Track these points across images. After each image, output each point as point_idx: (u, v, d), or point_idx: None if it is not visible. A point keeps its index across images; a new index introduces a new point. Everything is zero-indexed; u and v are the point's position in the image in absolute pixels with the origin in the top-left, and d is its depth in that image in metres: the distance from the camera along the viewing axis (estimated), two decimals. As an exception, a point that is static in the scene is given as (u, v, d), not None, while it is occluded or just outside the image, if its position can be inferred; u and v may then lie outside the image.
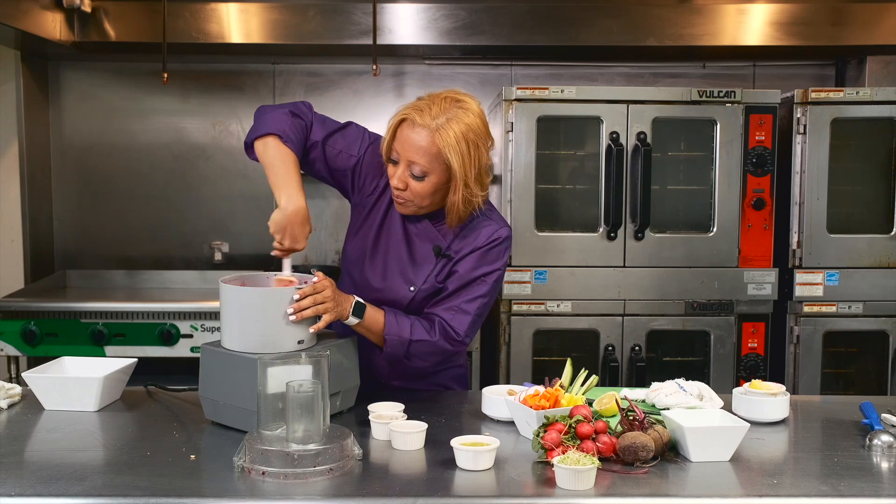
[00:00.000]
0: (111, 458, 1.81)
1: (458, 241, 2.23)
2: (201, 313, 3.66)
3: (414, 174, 2.11)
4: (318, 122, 2.25)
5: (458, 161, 2.07)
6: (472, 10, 4.01)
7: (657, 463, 1.77)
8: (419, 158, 2.08)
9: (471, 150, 2.09)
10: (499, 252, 2.24)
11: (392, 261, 2.27)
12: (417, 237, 2.26)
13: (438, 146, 2.06)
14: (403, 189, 2.14)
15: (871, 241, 3.61)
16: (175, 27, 3.92)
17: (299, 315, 2.01)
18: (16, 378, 3.63)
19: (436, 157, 2.08)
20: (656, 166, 3.55)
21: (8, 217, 4.18)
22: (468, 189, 2.12)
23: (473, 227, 2.23)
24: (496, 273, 2.24)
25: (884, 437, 1.87)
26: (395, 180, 2.13)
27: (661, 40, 4.00)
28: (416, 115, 2.08)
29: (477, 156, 2.11)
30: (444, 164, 2.09)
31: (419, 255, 2.25)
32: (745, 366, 3.60)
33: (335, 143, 2.25)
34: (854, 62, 4.22)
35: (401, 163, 2.12)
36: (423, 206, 2.18)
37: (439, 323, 2.20)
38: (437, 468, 1.75)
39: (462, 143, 2.07)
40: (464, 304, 2.21)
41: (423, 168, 2.09)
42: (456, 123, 2.07)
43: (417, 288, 2.24)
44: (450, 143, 2.06)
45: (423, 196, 2.14)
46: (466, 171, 2.09)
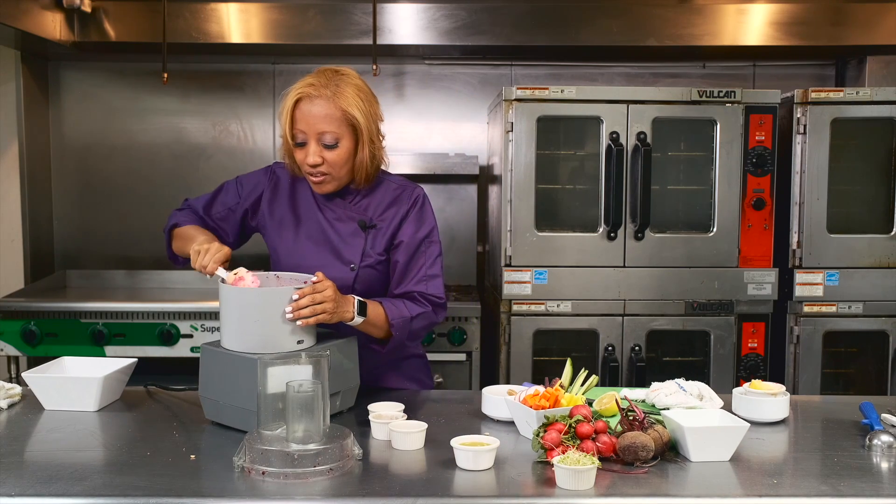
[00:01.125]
0: (111, 458, 1.81)
1: (377, 211, 2.33)
2: (201, 313, 3.66)
3: (326, 144, 2.21)
4: (196, 204, 2.43)
5: (362, 116, 2.21)
6: (472, 10, 4.01)
7: (657, 463, 1.77)
8: (328, 126, 2.19)
9: (366, 104, 2.23)
10: (427, 209, 2.37)
11: (323, 249, 2.32)
12: (338, 220, 2.34)
13: (342, 108, 2.19)
14: (321, 163, 2.22)
15: (871, 241, 3.61)
16: (175, 27, 3.92)
17: (297, 314, 2.01)
18: (16, 378, 3.63)
19: (342, 120, 2.20)
20: (656, 166, 3.55)
21: (8, 217, 4.18)
22: (373, 144, 2.25)
23: (388, 193, 2.35)
24: (435, 229, 2.37)
25: (884, 437, 1.88)
26: (310, 158, 2.22)
27: (661, 40, 4.00)
28: (311, 90, 2.20)
29: (373, 110, 2.26)
30: (349, 126, 2.21)
31: (346, 234, 2.33)
32: (745, 366, 3.60)
33: (215, 207, 2.42)
34: (854, 62, 4.22)
35: (310, 140, 2.21)
36: (341, 176, 2.27)
37: (420, 294, 2.29)
38: (437, 468, 1.75)
39: (359, 100, 2.21)
40: (427, 270, 2.32)
41: (335, 134, 2.20)
42: (346, 85, 2.21)
43: (357, 266, 2.30)
44: (351, 102, 2.19)
45: (340, 164, 2.24)
46: (369, 125, 2.23)
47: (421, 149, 4.38)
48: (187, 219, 2.40)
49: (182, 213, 2.43)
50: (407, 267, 2.31)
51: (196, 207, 2.43)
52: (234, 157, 4.43)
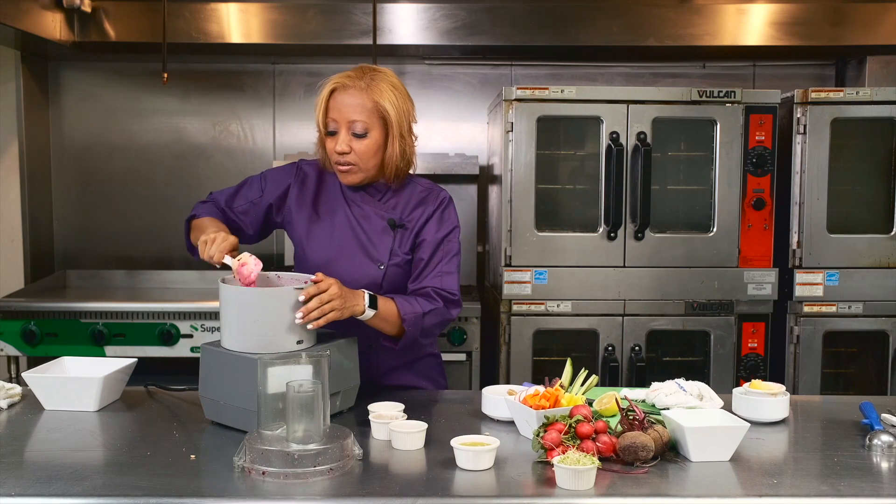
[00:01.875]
0: (111, 458, 1.81)
1: (406, 211, 2.36)
2: (201, 313, 3.66)
3: (356, 133, 2.24)
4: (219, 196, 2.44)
5: (394, 110, 2.25)
6: (472, 10, 4.01)
7: (657, 463, 1.77)
8: (359, 116, 2.24)
9: (400, 100, 2.28)
10: (451, 211, 2.41)
11: (353, 247, 2.34)
12: (365, 219, 2.36)
13: (374, 100, 2.24)
14: (348, 152, 2.26)
15: (871, 241, 3.61)
16: (175, 27, 3.92)
17: (307, 318, 2.01)
18: (16, 378, 3.63)
19: (373, 111, 2.24)
20: (656, 166, 3.55)
21: (8, 217, 4.18)
22: (403, 140, 2.29)
23: (415, 194, 2.39)
24: (457, 230, 2.40)
25: (884, 437, 1.88)
26: (339, 146, 2.25)
27: (661, 40, 4.00)
28: (347, 80, 2.25)
29: (406, 107, 2.30)
30: (381, 119, 2.26)
31: (375, 233, 2.35)
32: (745, 366, 3.60)
33: (237, 200, 2.43)
34: (854, 62, 4.22)
35: (341, 128, 2.25)
36: (368, 168, 2.29)
37: (433, 290, 2.30)
38: (437, 468, 1.75)
39: (393, 95, 2.26)
40: (444, 266, 2.34)
41: (365, 124, 2.24)
42: (382, 80, 2.27)
43: (386, 264, 2.33)
44: (384, 96, 2.25)
45: (368, 155, 2.27)
46: (401, 120, 2.27)
47: (421, 149, 4.28)
48: (206, 211, 2.41)
49: (204, 205, 2.44)
50: (426, 264, 2.34)
51: (219, 200, 2.44)
52: (234, 157, 4.43)
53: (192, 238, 2.39)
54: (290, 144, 4.43)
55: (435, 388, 2.48)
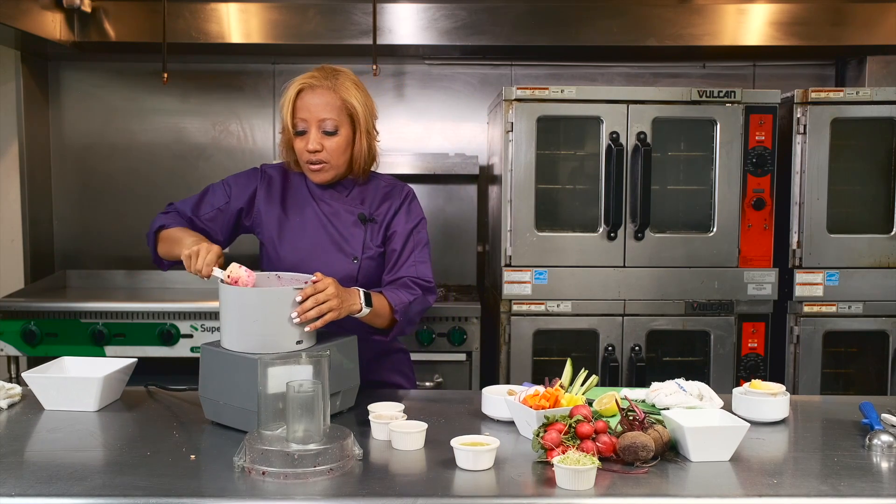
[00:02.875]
0: (111, 458, 1.81)
1: (373, 205, 2.42)
2: (201, 313, 3.66)
3: (327, 130, 2.31)
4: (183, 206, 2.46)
5: (360, 107, 2.33)
6: (472, 10, 4.01)
7: (657, 463, 1.77)
8: (329, 114, 2.30)
9: (363, 97, 2.36)
10: (416, 204, 2.48)
11: (326, 244, 2.38)
12: (335, 215, 2.40)
13: (342, 97, 2.31)
14: (320, 150, 2.30)
15: (871, 241, 3.61)
16: (175, 27, 3.92)
17: (304, 317, 2.01)
18: (16, 378, 3.63)
19: (341, 109, 2.31)
20: (656, 166, 3.55)
21: (8, 217, 4.18)
22: (369, 135, 2.37)
23: (379, 189, 2.45)
24: (423, 221, 2.48)
25: (884, 437, 1.88)
26: (311, 144, 2.31)
27: (661, 40, 4.00)
28: (313, 81, 2.32)
29: (369, 103, 2.38)
30: (348, 116, 2.33)
31: (346, 228, 2.39)
32: (745, 366, 3.60)
33: (203, 209, 2.44)
34: (854, 62, 4.22)
35: (311, 127, 2.31)
36: (339, 165, 2.36)
37: (410, 280, 2.36)
38: (437, 468, 1.75)
39: (357, 92, 2.34)
40: (417, 256, 2.42)
41: (335, 122, 2.31)
42: (346, 78, 2.35)
43: (360, 258, 2.37)
44: (350, 93, 2.32)
45: (338, 152, 2.33)
46: (366, 115, 2.35)
47: (421, 149, 4.38)
48: (173, 221, 2.41)
49: (167, 216, 2.45)
50: (399, 255, 2.39)
51: (183, 210, 2.45)
52: (233, 157, 4.43)
53: (160, 250, 2.39)
54: (290, 144, 4.43)
55: (406, 383, 2.53)
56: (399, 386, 2.49)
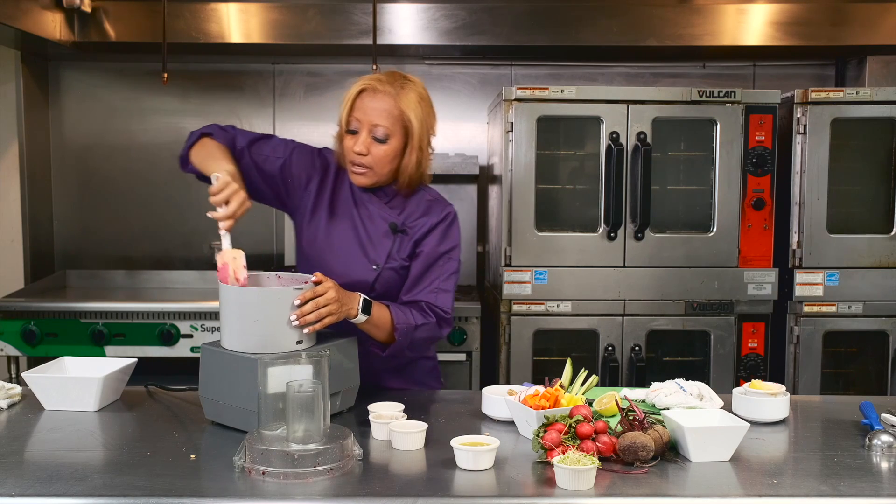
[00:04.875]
0: (111, 458, 1.81)
1: (410, 217, 2.33)
2: (201, 313, 3.66)
3: (377, 137, 2.23)
4: (241, 133, 2.37)
5: (417, 122, 2.24)
6: (472, 10, 4.01)
7: (657, 463, 1.77)
8: (383, 121, 2.22)
9: (425, 112, 2.27)
10: (455, 229, 2.37)
11: (351, 245, 2.32)
12: (370, 219, 2.34)
13: (401, 108, 2.23)
14: (365, 154, 2.24)
15: (871, 241, 3.61)
16: (175, 27, 3.92)
17: (303, 321, 2.01)
18: (16, 378, 3.63)
19: (397, 119, 2.23)
20: (656, 166, 3.55)
21: (8, 217, 4.18)
22: (421, 152, 2.28)
23: (422, 203, 2.35)
24: (457, 249, 2.36)
25: (884, 437, 1.88)
26: (358, 146, 2.23)
27: (661, 40, 4.00)
28: (377, 84, 2.24)
29: (429, 120, 2.30)
30: (403, 128, 2.24)
31: (375, 234, 2.33)
32: (745, 366, 3.60)
33: (260, 149, 2.36)
34: (854, 62, 4.22)
35: (362, 130, 2.23)
36: (382, 173, 2.28)
37: (427, 305, 2.28)
38: (437, 468, 1.75)
39: (419, 106, 2.25)
40: (441, 283, 2.31)
41: (387, 130, 2.23)
42: (412, 90, 2.26)
43: (381, 267, 2.30)
44: (411, 105, 2.23)
45: (384, 161, 2.25)
46: (422, 132, 2.26)
47: (421, 149, 4.37)
48: (223, 137, 2.32)
49: (222, 129, 2.36)
50: (421, 276, 2.31)
51: (238, 136, 2.35)
52: (234, 157, 4.42)
53: (193, 152, 2.30)
54: (290, 144, 4.43)
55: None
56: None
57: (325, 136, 4.39)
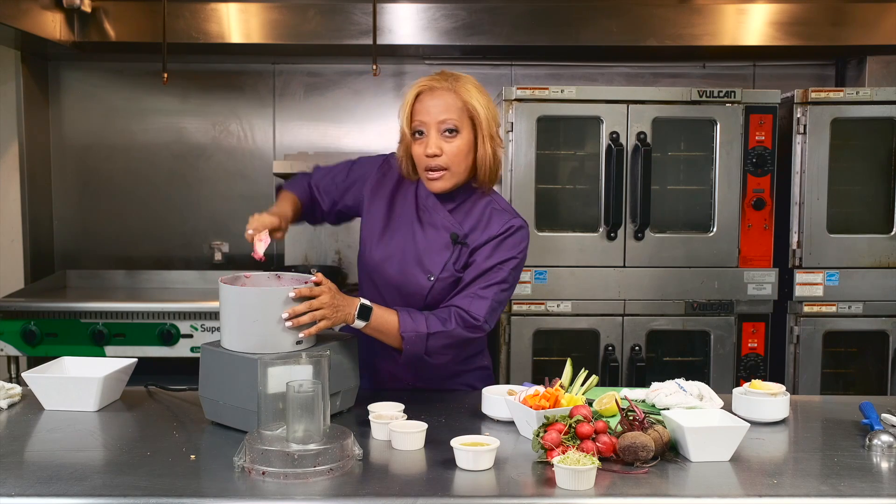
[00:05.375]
0: (111, 458, 1.81)
1: (471, 227, 2.26)
2: (201, 313, 3.66)
3: (448, 129, 2.19)
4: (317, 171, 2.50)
5: (483, 109, 2.20)
6: (472, 10, 4.01)
7: (657, 463, 1.77)
8: (449, 115, 2.19)
9: (485, 99, 2.23)
10: (514, 241, 2.26)
11: (409, 254, 2.27)
12: (432, 226, 2.28)
13: (463, 98, 2.19)
14: (439, 154, 2.19)
15: (871, 241, 3.61)
16: (175, 27, 3.92)
17: (295, 322, 2.00)
18: (16, 378, 3.63)
19: (462, 110, 2.19)
20: (656, 166, 3.55)
21: (8, 217, 4.18)
22: (493, 141, 2.23)
23: (486, 212, 2.28)
24: (513, 261, 2.25)
25: (884, 437, 1.87)
26: (430, 148, 2.19)
27: (661, 40, 4.00)
28: (433, 83, 2.22)
29: (493, 108, 2.25)
30: (469, 119, 2.20)
31: (434, 244, 2.27)
32: (745, 366, 3.60)
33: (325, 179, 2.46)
34: (854, 62, 4.22)
35: (430, 130, 2.20)
36: (459, 171, 2.22)
37: (455, 312, 2.20)
38: (437, 468, 1.75)
39: (480, 95, 2.22)
40: (480, 290, 2.22)
41: (455, 122, 2.19)
42: (468, 81, 2.24)
43: (436, 277, 2.24)
44: (471, 94, 2.20)
45: (459, 157, 2.20)
46: (489, 119, 2.22)
47: (421, 149, 4.37)
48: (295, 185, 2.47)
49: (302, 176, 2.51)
50: (468, 284, 2.23)
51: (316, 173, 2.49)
52: (234, 157, 4.43)
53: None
54: (290, 144, 4.43)
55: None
56: None
57: (325, 136, 4.45)
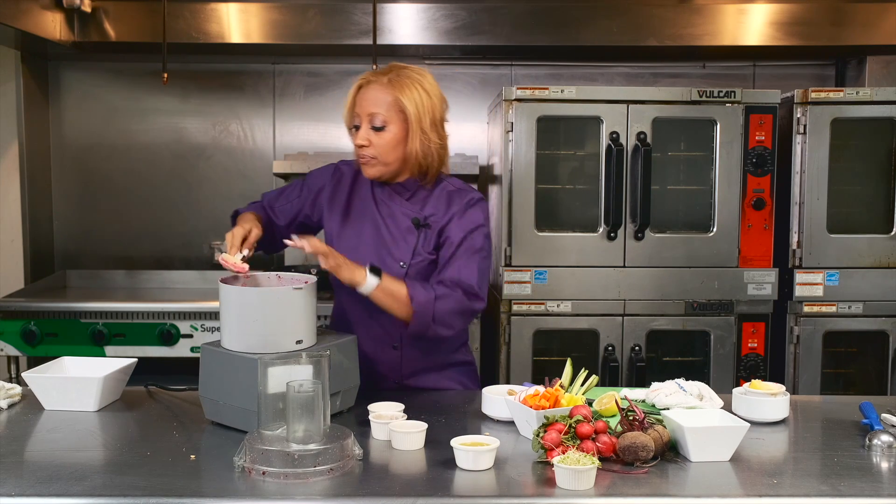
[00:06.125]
0: (111, 458, 1.81)
1: (431, 210, 2.35)
2: (201, 313, 3.66)
3: (375, 125, 2.27)
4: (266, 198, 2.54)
5: (413, 106, 2.26)
6: (472, 10, 4.01)
7: (657, 463, 1.77)
8: (378, 109, 2.27)
9: (423, 98, 2.29)
10: (478, 211, 2.35)
11: (377, 246, 2.35)
12: (391, 217, 2.37)
13: (394, 94, 2.26)
14: (368, 145, 2.29)
15: (871, 241, 3.61)
16: (175, 27, 3.92)
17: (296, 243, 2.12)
18: (16, 378, 3.63)
19: (392, 105, 2.27)
20: (656, 166, 3.55)
21: (8, 217, 4.18)
22: (424, 135, 2.29)
23: (443, 194, 2.37)
24: (483, 229, 2.35)
25: (884, 437, 1.88)
26: (358, 139, 2.30)
27: (661, 40, 4.00)
28: (371, 76, 2.31)
29: (430, 104, 2.31)
30: (401, 114, 2.27)
31: (399, 232, 2.35)
32: (745, 366, 3.60)
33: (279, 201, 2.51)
34: (854, 62, 4.22)
35: (363, 122, 2.29)
36: (388, 162, 2.31)
37: (450, 280, 2.27)
38: (437, 468, 1.75)
39: (415, 91, 2.28)
40: (464, 261, 2.30)
41: (383, 117, 2.27)
42: (408, 77, 2.30)
43: (408, 263, 2.32)
44: (405, 91, 2.27)
45: (387, 149, 2.28)
46: (421, 116, 2.28)
47: (421, 149, 4.37)
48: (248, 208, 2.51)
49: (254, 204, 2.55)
50: (448, 261, 2.31)
51: (265, 198, 2.54)
52: (234, 157, 4.43)
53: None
54: (290, 144, 4.43)
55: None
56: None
57: (325, 136, 4.45)
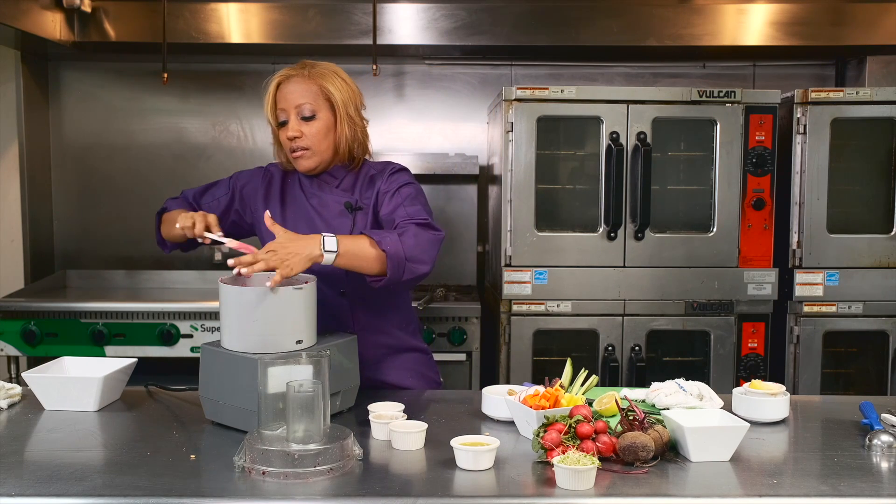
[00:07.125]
0: (111, 458, 1.81)
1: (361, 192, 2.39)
2: (201, 313, 3.66)
3: (304, 116, 2.32)
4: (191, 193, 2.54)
5: (338, 92, 2.34)
6: (472, 10, 4.01)
7: (657, 463, 1.77)
8: (305, 99, 2.32)
9: (344, 85, 2.36)
10: (399, 175, 2.40)
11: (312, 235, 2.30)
12: (323, 207, 2.40)
13: (319, 83, 2.33)
14: (300, 136, 2.33)
15: (871, 241, 3.61)
16: (175, 27, 3.92)
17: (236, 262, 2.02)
18: (16, 378, 3.63)
19: (318, 94, 2.33)
20: (656, 166, 3.55)
21: (8, 217, 4.18)
22: (352, 121, 2.36)
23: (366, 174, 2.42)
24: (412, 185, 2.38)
25: (884, 437, 1.88)
26: (290, 132, 2.33)
27: (661, 40, 4.00)
28: (289, 72, 2.36)
29: (350, 91, 2.38)
30: (327, 101, 2.34)
31: (333, 219, 2.38)
32: (745, 366, 3.60)
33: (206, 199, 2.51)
34: (854, 62, 4.22)
35: (290, 116, 2.33)
36: (322, 151, 2.35)
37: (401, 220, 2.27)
38: (437, 468, 1.75)
39: (335, 78, 2.36)
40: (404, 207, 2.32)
41: (311, 107, 2.32)
42: (325, 68, 2.38)
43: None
44: (327, 79, 2.35)
45: (319, 137, 2.33)
46: (346, 102, 2.35)
47: (421, 149, 4.38)
48: (176, 205, 2.51)
49: (174, 200, 2.54)
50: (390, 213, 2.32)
51: (188, 195, 2.53)
52: (234, 157, 4.43)
53: (162, 231, 2.49)
54: (290, 144, 4.43)
55: (426, 385, 2.47)
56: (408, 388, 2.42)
57: (325, 136, 4.43)
